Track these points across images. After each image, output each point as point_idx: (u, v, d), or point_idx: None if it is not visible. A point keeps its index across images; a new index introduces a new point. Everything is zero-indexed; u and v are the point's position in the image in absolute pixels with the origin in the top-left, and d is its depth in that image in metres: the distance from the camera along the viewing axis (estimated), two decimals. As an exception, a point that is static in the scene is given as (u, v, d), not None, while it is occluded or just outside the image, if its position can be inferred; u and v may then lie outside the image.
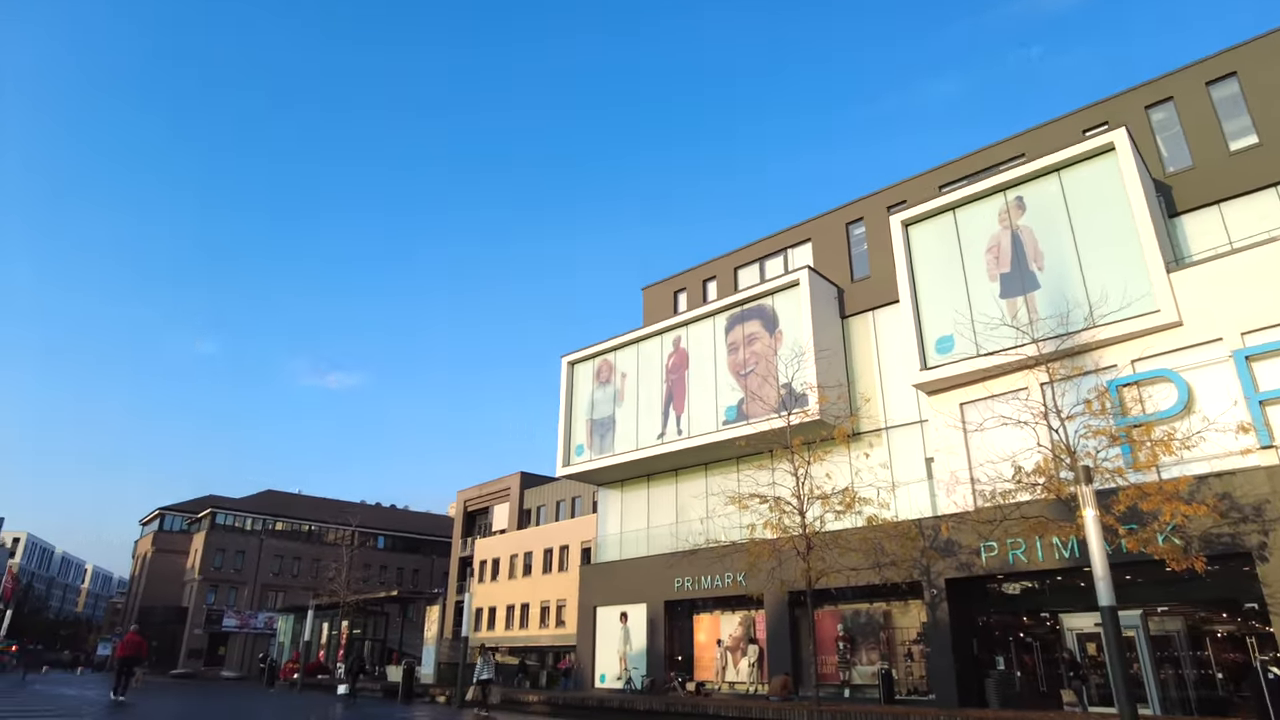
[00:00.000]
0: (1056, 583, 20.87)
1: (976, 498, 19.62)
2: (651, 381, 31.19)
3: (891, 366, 25.52)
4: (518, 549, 54.88)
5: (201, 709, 20.86)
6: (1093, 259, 20.25)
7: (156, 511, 73.08)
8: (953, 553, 20.61)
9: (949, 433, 22.07)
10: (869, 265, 27.54)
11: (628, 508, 32.79)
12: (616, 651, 29.73)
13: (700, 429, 28.24)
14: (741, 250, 32.43)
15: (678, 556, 26.48)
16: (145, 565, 71.96)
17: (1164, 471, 16.74)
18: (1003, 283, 21.93)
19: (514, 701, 24.03)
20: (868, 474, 21.44)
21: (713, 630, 27.71)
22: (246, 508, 69.83)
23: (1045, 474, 15.05)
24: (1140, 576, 18.43)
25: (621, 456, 30.89)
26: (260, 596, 66.82)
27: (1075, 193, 21.20)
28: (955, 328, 22.22)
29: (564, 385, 34.89)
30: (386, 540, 75.12)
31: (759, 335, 27.74)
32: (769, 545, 18.98)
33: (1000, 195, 22.78)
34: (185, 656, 61.86)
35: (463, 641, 24.58)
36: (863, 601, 23.99)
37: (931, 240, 23.95)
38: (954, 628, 20.69)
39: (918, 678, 22.17)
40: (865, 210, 28.38)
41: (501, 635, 53.83)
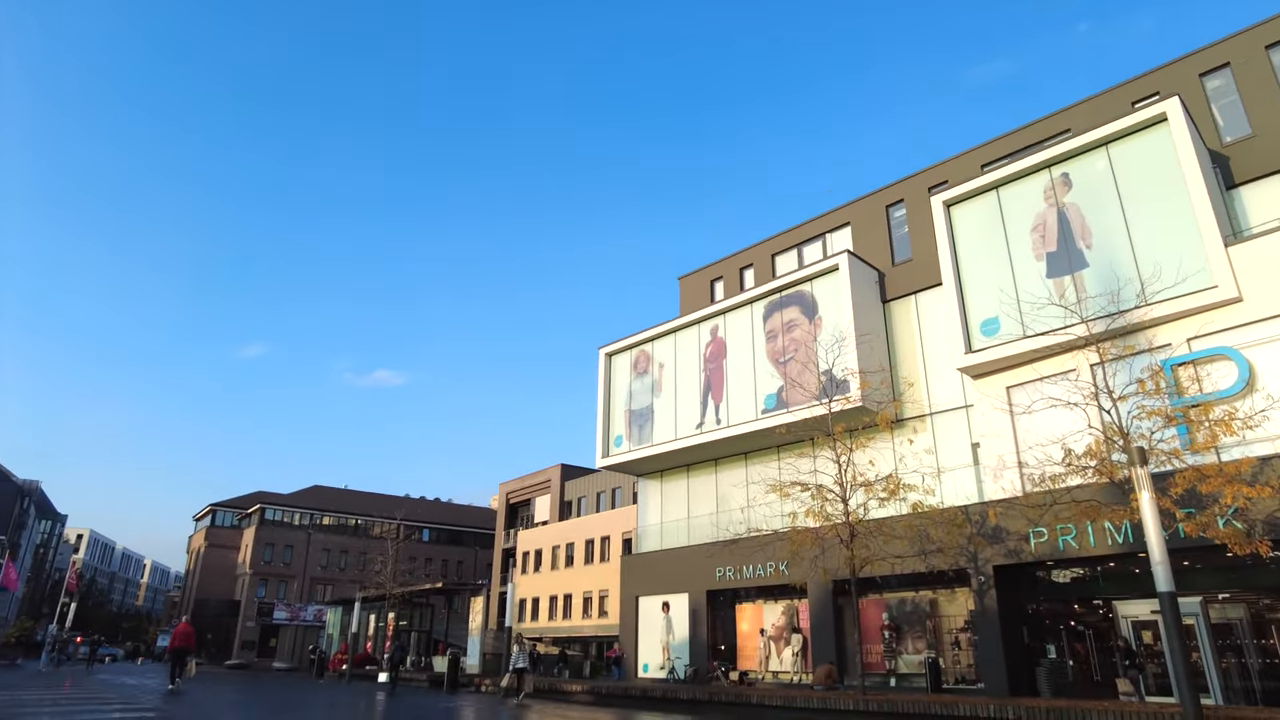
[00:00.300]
0: (1109, 569, 20.30)
1: (1025, 482, 19.14)
2: (689, 371, 31.04)
3: (935, 351, 25.01)
4: (559, 540, 55.20)
5: (251, 697, 21.33)
6: (1145, 235, 19.55)
7: (208, 508, 75.13)
8: (1000, 539, 20.15)
9: (995, 417, 21.55)
10: (910, 248, 27.00)
11: (668, 498, 32.72)
12: (659, 641, 29.75)
13: (739, 418, 28.02)
14: (779, 236, 32.04)
15: (719, 546, 26.31)
16: (199, 560, 74.07)
17: (1224, 453, 16.14)
18: (1049, 262, 21.31)
19: (558, 691, 24.16)
20: (912, 460, 21.03)
21: (755, 619, 27.54)
22: (294, 503, 71.33)
23: (1097, 457, 14.57)
24: (1199, 562, 17.81)
25: (660, 447, 30.82)
26: (309, 589, 68.26)
27: (1125, 167, 20.48)
28: (1001, 309, 21.67)
29: (602, 377, 34.92)
30: (431, 533, 76.18)
31: (798, 322, 27.39)
32: (811, 534, 18.74)
33: (1045, 172, 22.12)
34: (239, 648, 63.54)
35: (506, 632, 24.76)
36: (908, 589, 23.61)
37: (974, 220, 23.37)
38: (1003, 615, 20.25)
39: (965, 666, 21.75)
40: (905, 192, 27.81)
41: (545, 625, 54.26)
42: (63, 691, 20.66)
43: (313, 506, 71.74)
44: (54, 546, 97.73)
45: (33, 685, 24.15)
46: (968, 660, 21.72)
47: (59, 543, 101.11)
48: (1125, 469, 14.17)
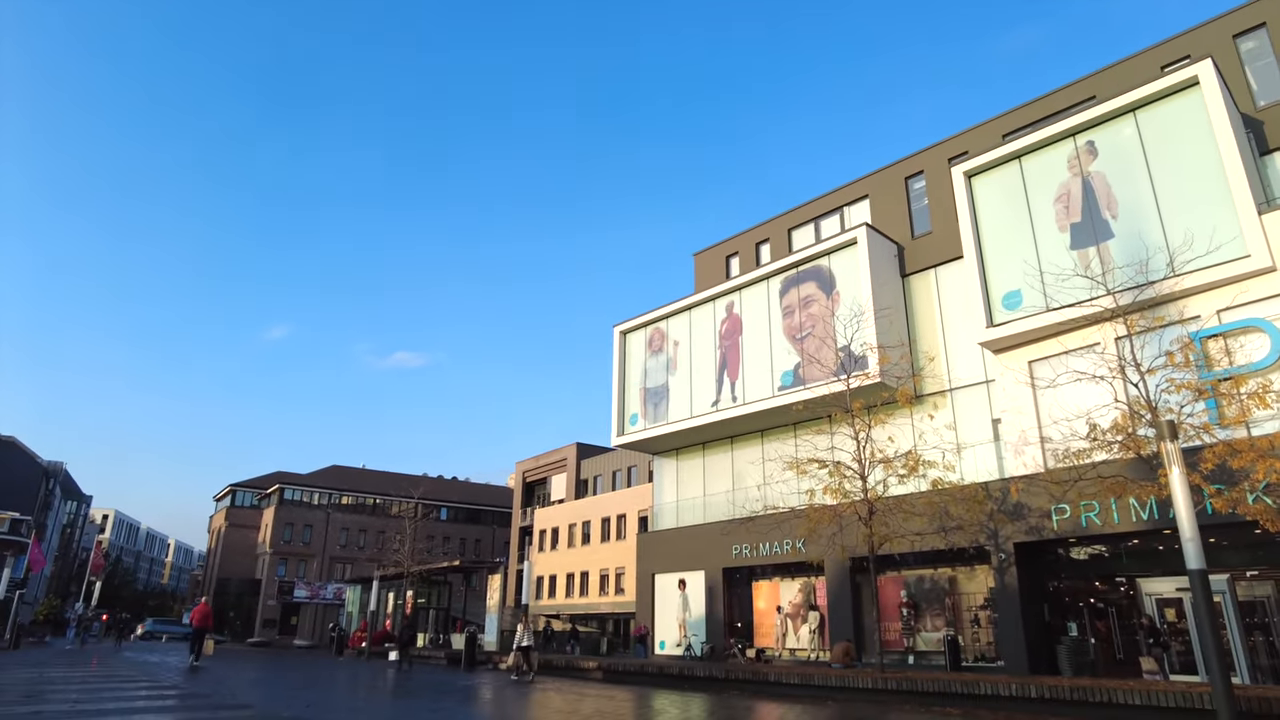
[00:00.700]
0: (1132, 546, 19.94)
1: (1048, 458, 18.78)
2: (705, 348, 30.76)
3: (955, 325, 24.57)
4: (576, 518, 55.40)
5: (269, 674, 21.52)
6: (1173, 204, 18.97)
7: (228, 488, 75.94)
8: (1022, 516, 19.84)
9: (1017, 392, 21.15)
10: (930, 220, 26.46)
11: (683, 476, 32.59)
12: (675, 619, 29.74)
13: (755, 395, 27.74)
14: (795, 211, 31.54)
15: (735, 524, 26.17)
16: (220, 539, 75.00)
17: (1255, 428, 15.69)
18: (1073, 233, 20.77)
19: (574, 668, 24.20)
20: (932, 435, 20.69)
21: (772, 597, 27.43)
22: (313, 483, 71.94)
23: (1123, 431, 14.18)
24: (1226, 539, 17.44)
25: (676, 425, 30.63)
26: (329, 568, 69.00)
27: (1154, 134, 19.85)
28: (1023, 282, 21.18)
29: (616, 355, 34.71)
30: (449, 512, 76.69)
31: (815, 297, 27.00)
32: (829, 511, 18.50)
33: (1069, 141, 21.51)
34: (260, 626, 64.43)
35: (523, 609, 24.81)
36: (926, 567, 23.38)
37: (996, 191, 22.82)
38: (1023, 593, 19.97)
39: (985, 644, 21.54)
40: (925, 163, 27.22)
41: (562, 603, 54.59)
42: (89, 669, 20.91)
43: (331, 486, 72.33)
44: (80, 527, 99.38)
45: (59, 663, 24.49)
46: (987, 638, 21.50)
47: (85, 523, 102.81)
48: (1153, 444, 13.80)
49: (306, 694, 13.81)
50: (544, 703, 14.18)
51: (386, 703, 13.03)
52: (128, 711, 10.13)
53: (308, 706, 11.67)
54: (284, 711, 10.75)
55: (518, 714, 12.11)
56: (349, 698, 13.71)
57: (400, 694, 15.30)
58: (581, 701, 14.07)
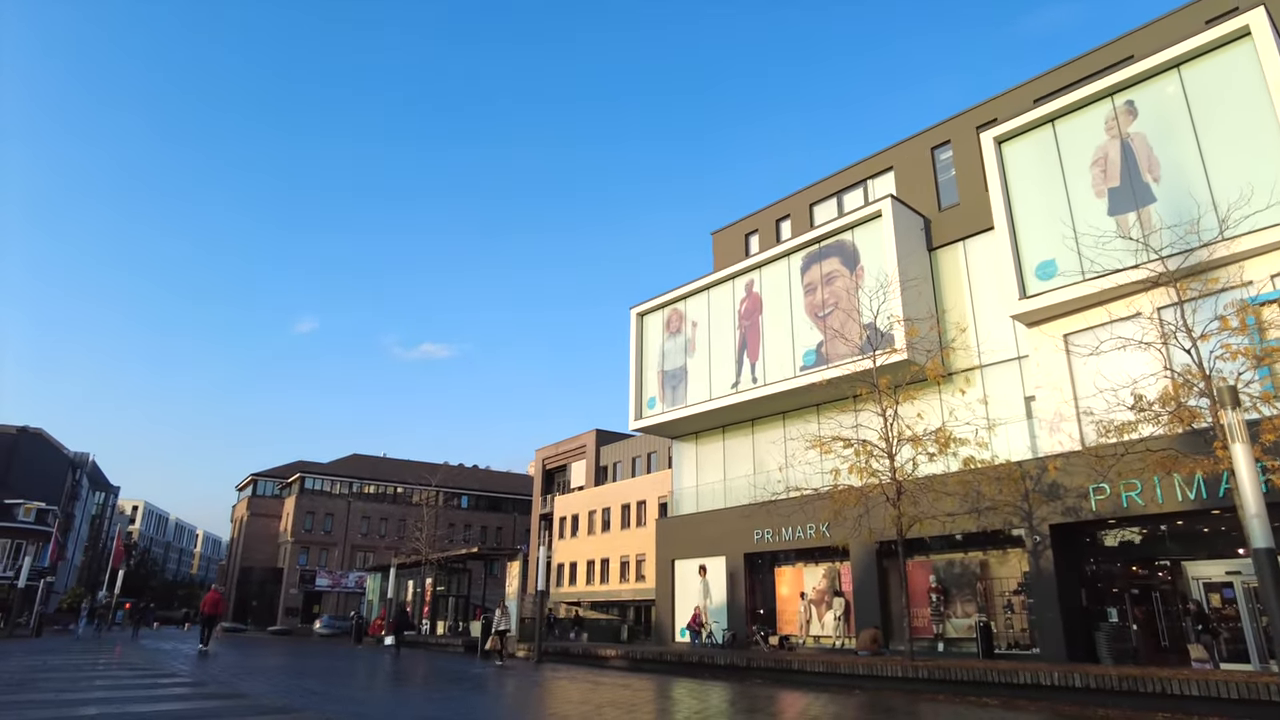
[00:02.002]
0: (1176, 527, 18.93)
1: (1088, 434, 17.74)
2: (723, 329, 29.90)
3: (985, 300, 23.54)
4: (595, 505, 54.86)
5: (276, 660, 21.15)
6: (1221, 164, 17.80)
7: (250, 477, 76.22)
8: (1058, 496, 18.86)
9: (1052, 367, 20.11)
10: (958, 192, 25.38)
11: (703, 460, 31.83)
12: (696, 605, 29.05)
13: (777, 375, 26.87)
14: (816, 185, 30.52)
15: (756, 507, 25.36)
16: (242, 529, 75.38)
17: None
18: (1111, 198, 19.65)
19: (593, 656, 23.57)
20: (964, 411, 19.72)
21: (795, 583, 26.62)
22: (334, 472, 72.02)
23: (1173, 402, 13.18)
24: (1274, 520, 16.33)
25: (694, 408, 29.86)
26: (350, 557, 69.10)
27: (1199, 90, 18.65)
28: (1058, 251, 20.11)
29: (634, 337, 33.95)
30: (470, 500, 76.53)
31: (838, 273, 26.03)
32: (855, 492, 17.63)
33: (1107, 101, 20.35)
34: (283, 614, 64.65)
35: (539, 596, 24.21)
36: (956, 551, 22.46)
37: (1028, 157, 21.71)
38: (1059, 577, 19.03)
39: (1019, 631, 20.62)
40: (952, 132, 26.09)
41: (583, 590, 54.14)
42: (96, 657, 20.60)
43: (352, 475, 72.36)
44: (109, 517, 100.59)
45: (70, 650, 24.28)
46: (1021, 624, 20.58)
47: (113, 513, 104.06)
48: (1207, 415, 12.81)
49: (306, 681, 13.27)
50: (555, 692, 13.53)
51: (386, 691, 12.45)
52: (108, 701, 9.59)
53: (305, 695, 11.07)
54: (275, 699, 10.16)
55: (523, 703, 11.44)
56: (347, 686, 13.14)
57: (404, 682, 14.72)
58: (595, 690, 13.40)
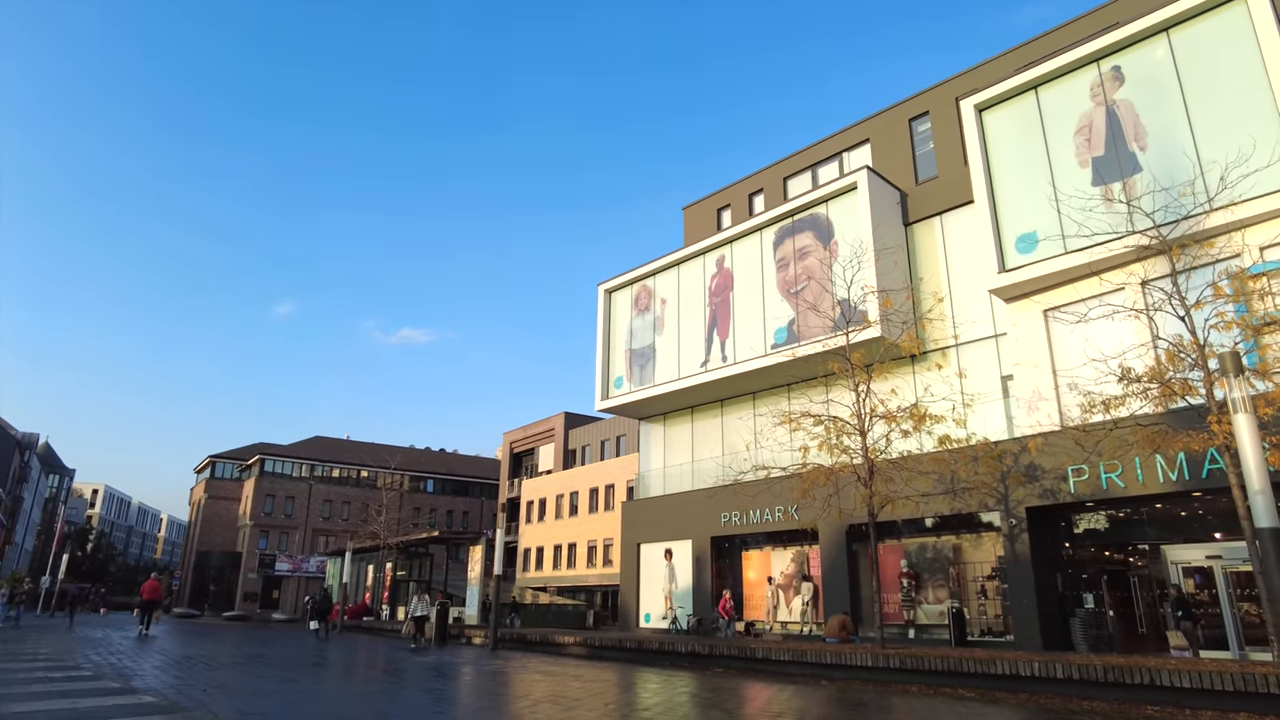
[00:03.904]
0: (1155, 511, 18.31)
1: (1069, 412, 16.94)
2: (693, 306, 28.87)
3: (963, 276, 22.73)
4: (563, 489, 53.81)
5: (211, 648, 19.94)
6: (1211, 131, 17.02)
7: (208, 459, 73.97)
8: (1036, 478, 18.12)
9: (1031, 343, 19.33)
10: (936, 165, 24.49)
11: (671, 442, 30.86)
12: (661, 590, 28.18)
13: (747, 354, 25.92)
14: (791, 158, 29.49)
15: (723, 489, 24.45)
16: (200, 512, 73.21)
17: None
18: (1095, 168, 18.83)
19: (551, 643, 22.57)
20: (940, 386, 18.85)
21: (763, 567, 25.79)
22: (295, 454, 70.10)
23: (1162, 375, 12.36)
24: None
25: (662, 387, 28.85)
26: (311, 541, 67.37)
27: (1189, 54, 17.84)
28: (1039, 223, 19.28)
29: (601, 315, 32.82)
30: (436, 484, 75.02)
31: (811, 248, 25.07)
32: (825, 471, 16.71)
33: (1093, 67, 19.49)
34: (241, 600, 62.86)
35: (495, 581, 23.11)
36: (929, 535, 21.72)
37: (1010, 125, 20.83)
38: (1035, 562, 18.34)
39: (992, 617, 19.93)
40: (931, 103, 25.16)
41: (549, 575, 53.13)
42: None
43: (314, 457, 70.51)
44: (63, 501, 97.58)
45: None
46: (995, 611, 19.89)
47: (67, 496, 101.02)
48: (1200, 388, 12.00)
49: (219, 674, 12.11)
50: (494, 685, 12.46)
51: (305, 684, 11.32)
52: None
53: (206, 690, 9.90)
54: (168, 695, 9.02)
55: (449, 699, 10.36)
56: (263, 679, 11.97)
57: (330, 673, 13.58)
58: (540, 683, 12.36)
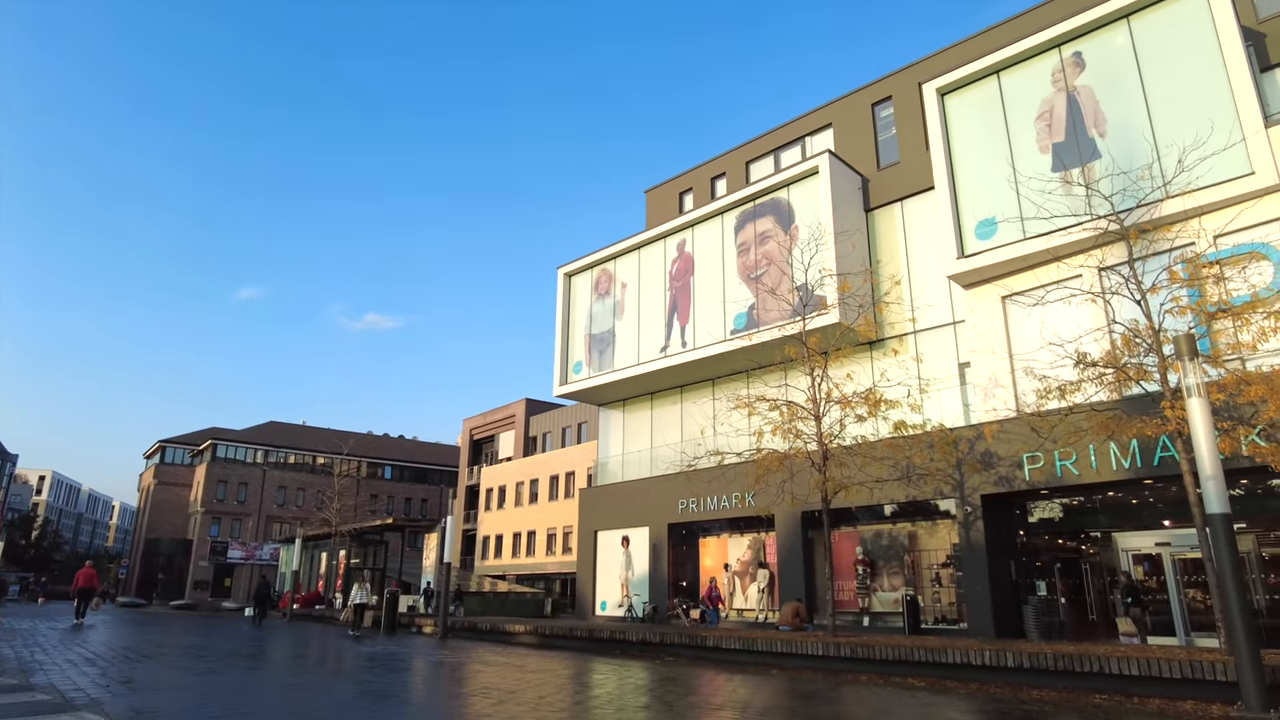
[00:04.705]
0: (1108, 499, 18.38)
1: (1025, 399, 16.88)
2: (654, 291, 28.42)
3: (922, 264, 22.58)
4: (524, 476, 53.21)
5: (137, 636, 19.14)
6: (1169, 119, 16.97)
7: (157, 444, 71.85)
8: (991, 465, 18.03)
9: (988, 330, 19.23)
10: (898, 150, 24.28)
11: (630, 428, 30.47)
12: (618, 578, 27.83)
13: (706, 340, 25.56)
14: (753, 142, 29.13)
15: (680, 476, 24.15)
16: (149, 498, 71.16)
17: (1249, 363, 13.89)
18: (1055, 154, 18.72)
19: (500, 632, 22.08)
20: (897, 371, 18.68)
21: (720, 554, 25.56)
22: (248, 439, 68.42)
23: (1117, 361, 12.22)
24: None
25: (622, 373, 28.40)
26: (265, 528, 65.89)
27: (1148, 42, 17.78)
28: (998, 209, 19.15)
29: (560, 299, 32.22)
30: (394, 471, 73.85)
31: (772, 233, 24.75)
32: (779, 456, 16.42)
33: (1054, 52, 19.37)
34: (191, 588, 61.26)
35: (444, 568, 22.54)
36: (884, 522, 21.62)
37: (972, 111, 20.66)
38: (990, 549, 18.27)
39: (946, 604, 19.89)
40: (894, 88, 24.93)
41: (508, 563, 52.58)
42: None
43: (268, 443, 68.89)
44: (5, 487, 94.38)
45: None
46: (949, 598, 19.85)
47: (9, 482, 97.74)
48: (1154, 373, 11.87)
49: (138, 668, 11.42)
50: (423, 676, 11.96)
51: (229, 679, 10.70)
52: None
53: (110, 685, 9.26)
54: (65, 693, 8.37)
55: (381, 693, 9.84)
56: (184, 672, 11.33)
57: (261, 665, 12.95)
58: (480, 674, 11.88)
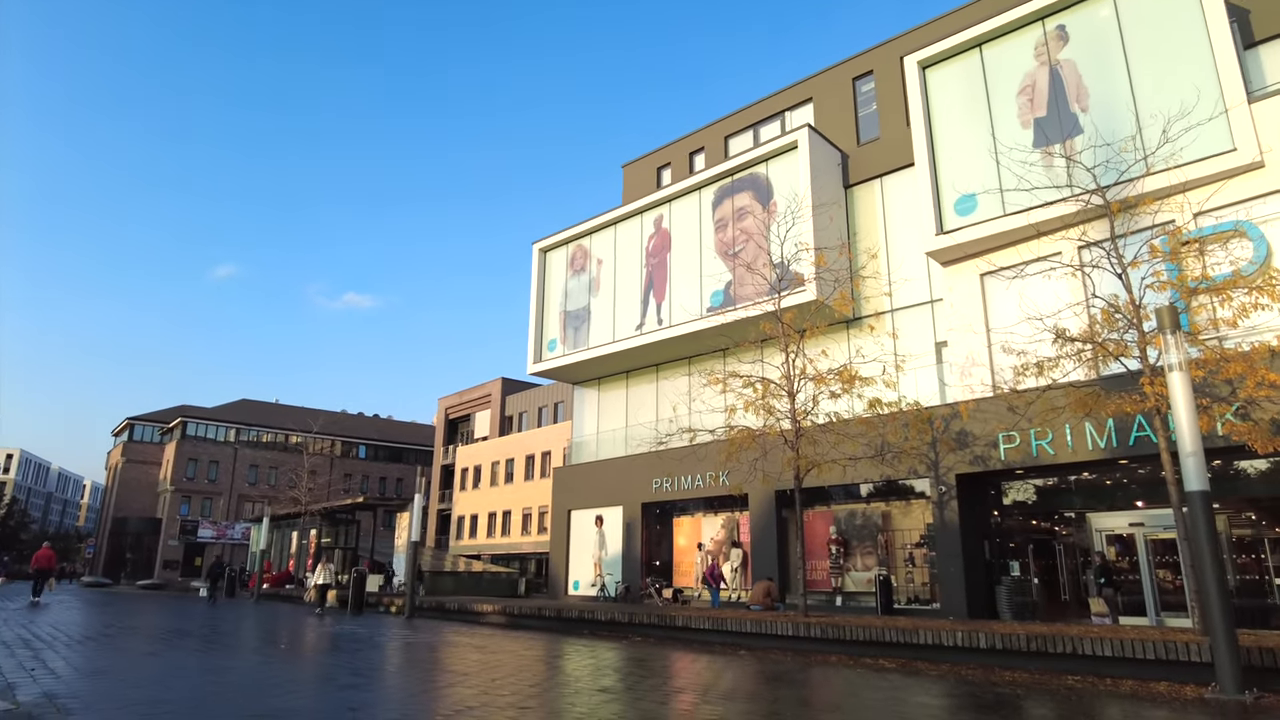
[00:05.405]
0: (1082, 479, 18.28)
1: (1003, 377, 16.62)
2: (630, 267, 27.91)
3: (901, 242, 22.24)
4: (499, 456, 52.73)
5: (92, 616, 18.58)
6: (1152, 93, 16.68)
7: (125, 421, 70.43)
8: (966, 444, 17.83)
9: (966, 308, 18.96)
10: (878, 126, 23.87)
11: (605, 407, 30.06)
12: (591, 557, 27.54)
13: (683, 317, 25.14)
14: (733, 116, 28.58)
15: (654, 455, 23.81)
16: (117, 476, 69.86)
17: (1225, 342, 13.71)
18: (1037, 129, 18.40)
19: (468, 612, 21.72)
20: (873, 347, 18.37)
21: (694, 533, 25.31)
22: (219, 417, 67.24)
23: (1099, 334, 11.95)
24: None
25: (597, 350, 27.94)
26: (237, 507, 64.95)
27: (1132, 15, 17.45)
28: (979, 184, 18.82)
29: (535, 275, 31.63)
30: (368, 450, 73.03)
31: (750, 209, 24.31)
32: (752, 434, 16.08)
33: (1038, 25, 19.00)
34: (160, 568, 60.29)
35: (412, 547, 22.10)
36: (859, 502, 21.43)
37: (953, 84, 20.27)
38: (964, 530, 18.10)
39: (919, 585, 19.76)
40: (876, 62, 24.47)
41: (483, 543, 52.20)
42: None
43: (240, 421, 67.76)
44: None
45: None
46: (922, 579, 19.72)
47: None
48: (1134, 348, 11.61)
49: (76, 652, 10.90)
50: (372, 657, 11.54)
51: (167, 658, 10.23)
52: None
53: (34, 670, 8.76)
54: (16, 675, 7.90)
55: (325, 675, 9.41)
56: (125, 655, 10.84)
57: (206, 645, 12.46)
58: (436, 655, 11.48)
